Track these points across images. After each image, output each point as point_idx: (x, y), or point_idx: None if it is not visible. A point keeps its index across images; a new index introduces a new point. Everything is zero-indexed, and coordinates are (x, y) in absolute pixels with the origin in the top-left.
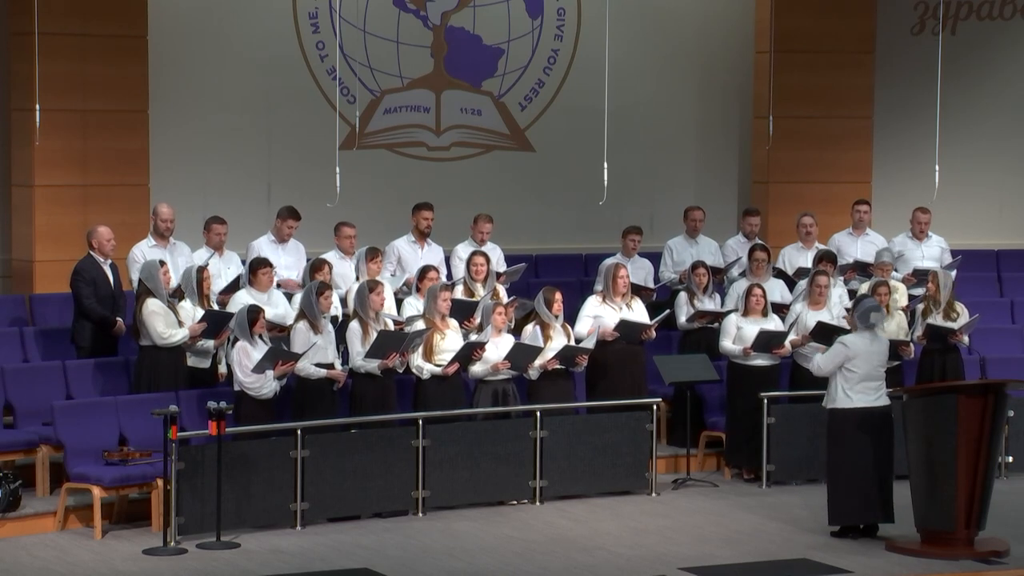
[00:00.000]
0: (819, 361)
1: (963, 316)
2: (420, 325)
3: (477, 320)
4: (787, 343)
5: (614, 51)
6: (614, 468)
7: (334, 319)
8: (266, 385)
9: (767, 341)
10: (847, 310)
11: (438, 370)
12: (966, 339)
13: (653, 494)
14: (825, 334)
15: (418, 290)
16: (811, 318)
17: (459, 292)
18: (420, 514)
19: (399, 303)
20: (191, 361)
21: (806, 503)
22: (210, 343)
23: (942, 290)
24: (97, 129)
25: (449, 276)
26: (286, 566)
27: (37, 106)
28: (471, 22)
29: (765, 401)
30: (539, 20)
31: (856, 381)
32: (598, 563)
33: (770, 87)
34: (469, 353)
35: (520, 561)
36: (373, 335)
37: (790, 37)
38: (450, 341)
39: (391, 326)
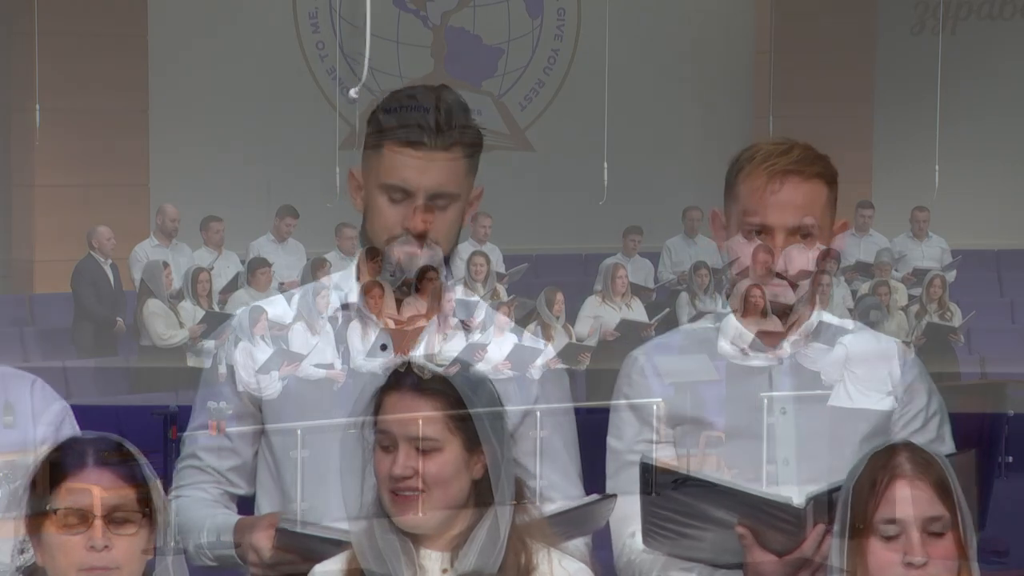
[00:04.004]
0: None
1: (956, 315)
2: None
3: (477, 320)
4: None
5: (614, 51)
6: None
7: (332, 319)
8: (271, 386)
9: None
10: (849, 311)
11: (439, 370)
12: (962, 337)
13: (653, 494)
14: None
15: (417, 290)
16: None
17: (459, 292)
18: (420, 514)
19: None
20: (191, 361)
21: None
22: (210, 343)
23: (946, 291)
24: (97, 129)
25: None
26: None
27: (37, 106)
28: (471, 22)
29: (765, 401)
30: (539, 20)
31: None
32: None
33: (770, 87)
34: (470, 355)
35: None
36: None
37: (790, 37)
38: (452, 342)
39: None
